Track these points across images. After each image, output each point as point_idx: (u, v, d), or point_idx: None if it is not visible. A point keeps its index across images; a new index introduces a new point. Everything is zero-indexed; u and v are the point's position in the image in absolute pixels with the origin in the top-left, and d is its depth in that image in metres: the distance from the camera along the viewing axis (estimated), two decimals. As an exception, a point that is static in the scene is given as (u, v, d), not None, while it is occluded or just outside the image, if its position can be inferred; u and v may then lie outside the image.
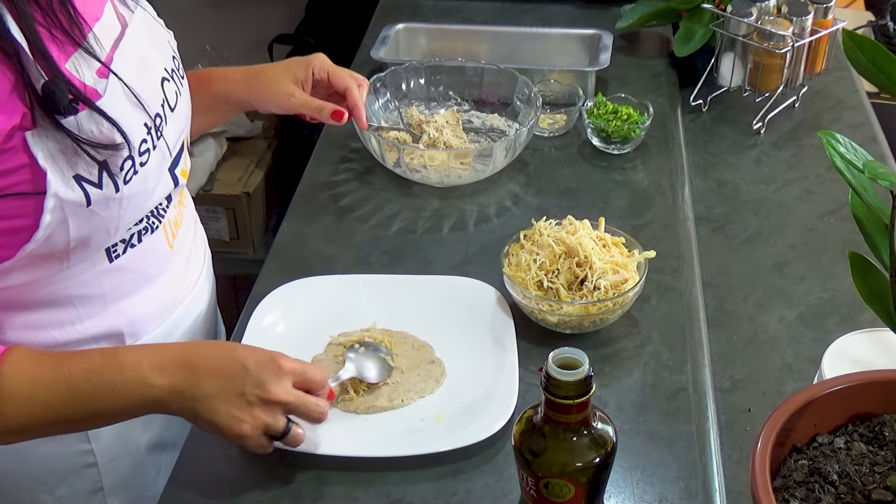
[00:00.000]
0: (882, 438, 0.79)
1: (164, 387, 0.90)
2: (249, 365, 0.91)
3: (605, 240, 1.17)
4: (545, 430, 0.84)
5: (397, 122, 1.53)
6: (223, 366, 0.91)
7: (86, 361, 0.90)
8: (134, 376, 0.89)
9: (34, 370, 0.88)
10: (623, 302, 1.11)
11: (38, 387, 0.87)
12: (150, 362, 0.90)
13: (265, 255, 1.32)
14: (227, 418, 0.91)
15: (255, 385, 0.91)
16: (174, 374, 0.90)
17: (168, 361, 0.91)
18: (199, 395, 0.90)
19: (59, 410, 0.88)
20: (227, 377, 0.91)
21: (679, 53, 1.61)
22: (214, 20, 2.69)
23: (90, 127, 0.86)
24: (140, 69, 0.94)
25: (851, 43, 0.74)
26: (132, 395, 0.90)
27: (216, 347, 0.97)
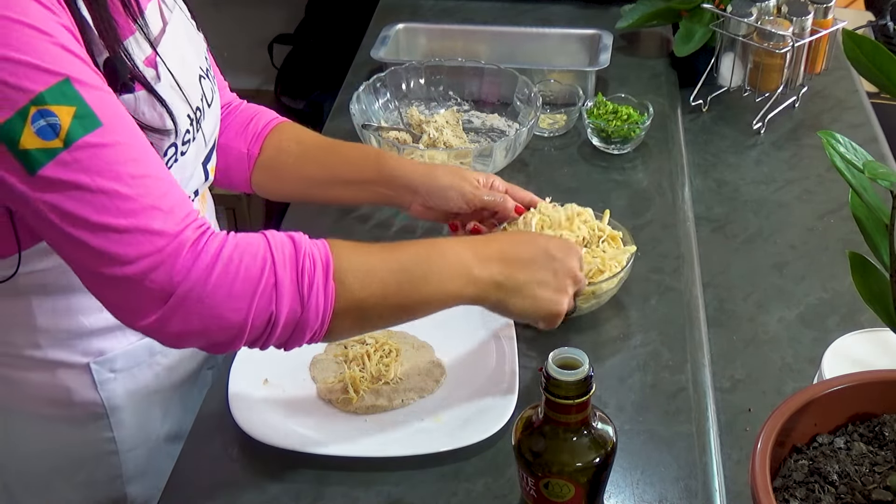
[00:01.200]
0: (882, 438, 0.79)
1: (485, 279, 0.94)
2: (554, 251, 1.00)
3: (604, 232, 1.18)
4: (545, 430, 0.84)
5: (397, 122, 1.53)
6: (532, 256, 0.98)
7: (413, 250, 0.94)
8: (460, 267, 0.93)
9: (365, 252, 0.90)
10: (596, 292, 1.12)
11: (375, 265, 0.89)
12: (472, 255, 0.94)
13: (265, 255, 1.32)
14: (548, 302, 0.99)
15: (566, 270, 1.00)
16: (493, 267, 0.95)
17: (487, 255, 0.95)
18: (520, 286, 0.96)
19: (394, 290, 0.90)
20: (540, 266, 0.98)
21: (679, 53, 1.61)
22: (214, 20, 2.68)
23: (143, 108, 0.87)
24: (181, 64, 0.95)
25: (851, 43, 0.74)
26: (457, 284, 0.93)
27: (515, 238, 1.03)
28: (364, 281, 0.87)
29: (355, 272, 0.87)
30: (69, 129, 0.75)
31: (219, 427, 1.04)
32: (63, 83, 0.75)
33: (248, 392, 1.06)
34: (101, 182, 0.77)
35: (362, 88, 1.49)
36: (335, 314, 0.86)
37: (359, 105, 1.47)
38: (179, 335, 0.82)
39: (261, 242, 0.83)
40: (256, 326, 0.83)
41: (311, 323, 0.84)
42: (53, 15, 0.77)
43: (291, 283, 0.83)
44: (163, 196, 0.80)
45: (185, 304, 0.80)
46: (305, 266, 0.83)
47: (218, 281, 0.80)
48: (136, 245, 0.78)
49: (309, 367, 1.11)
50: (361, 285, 0.87)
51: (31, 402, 1.03)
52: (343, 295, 0.86)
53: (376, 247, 0.92)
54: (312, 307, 0.84)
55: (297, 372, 1.10)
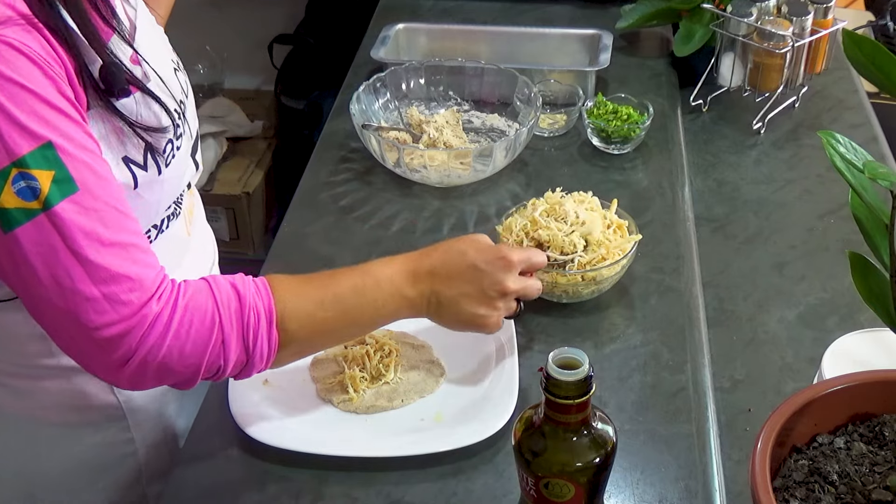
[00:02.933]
0: (882, 438, 0.79)
1: (416, 296, 0.99)
2: (482, 266, 1.01)
3: (612, 222, 1.20)
4: (545, 430, 0.84)
5: (397, 122, 1.53)
6: (460, 271, 1.00)
7: (347, 280, 0.97)
8: (390, 289, 0.98)
9: (305, 293, 0.94)
10: (596, 278, 1.13)
11: (315, 306, 0.93)
12: (402, 275, 0.99)
13: (265, 255, 1.32)
14: (471, 316, 1.01)
15: (492, 283, 1.01)
16: (423, 283, 0.99)
17: (415, 272, 1.00)
18: (445, 300, 1.00)
19: (334, 324, 0.95)
20: (466, 281, 1.00)
21: (679, 53, 1.61)
22: (214, 20, 2.69)
23: (140, 109, 0.89)
24: (157, 60, 0.96)
25: (851, 43, 0.74)
26: (391, 305, 0.99)
27: (448, 252, 1.02)
28: (304, 323, 0.92)
29: (297, 317, 0.92)
30: (48, 193, 0.77)
31: (219, 427, 1.04)
32: (45, 147, 0.77)
33: (248, 392, 1.06)
34: (75, 247, 0.79)
35: (362, 88, 1.49)
36: (279, 355, 0.92)
37: (359, 105, 1.47)
38: (136, 387, 0.87)
39: (209, 302, 0.86)
40: (206, 375, 0.88)
41: (257, 366, 0.90)
42: (39, 69, 0.77)
43: (237, 339, 0.87)
44: (133, 263, 0.82)
45: (142, 367, 0.84)
46: (250, 321, 0.88)
47: (171, 345, 0.84)
48: (102, 313, 0.81)
49: (309, 368, 1.11)
50: (302, 327, 0.92)
51: (50, 410, 1.03)
52: (286, 339, 0.91)
53: (315, 283, 0.96)
54: (257, 355, 0.89)
55: (297, 372, 1.10)
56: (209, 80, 2.63)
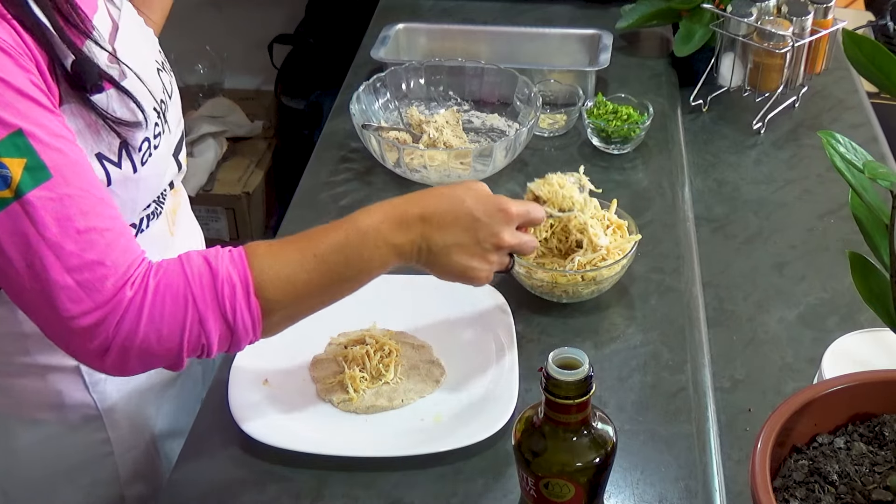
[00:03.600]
0: (882, 438, 0.79)
1: (405, 243, 0.94)
2: (480, 215, 0.96)
3: (612, 222, 1.20)
4: (545, 430, 0.84)
5: (397, 122, 1.53)
6: (455, 218, 0.96)
7: (330, 237, 0.92)
8: (379, 240, 0.93)
9: (285, 256, 0.89)
10: (595, 278, 1.13)
11: (294, 269, 0.89)
12: (389, 223, 0.94)
13: (265, 255, 1.32)
14: (461, 267, 0.97)
15: (488, 235, 0.97)
16: (412, 229, 0.94)
17: (404, 218, 0.94)
18: (436, 249, 0.95)
19: (319, 285, 0.91)
20: (461, 229, 0.96)
21: (679, 53, 1.61)
22: (214, 20, 2.69)
23: (114, 105, 0.88)
24: (139, 60, 0.96)
25: (851, 43, 0.74)
26: (379, 256, 0.94)
27: (444, 197, 0.98)
28: (286, 288, 0.89)
29: (276, 282, 0.88)
30: (20, 182, 0.76)
31: (219, 427, 1.04)
32: (15, 135, 0.76)
33: (248, 392, 1.06)
34: (48, 235, 0.78)
35: (362, 88, 1.49)
36: (265, 321, 0.88)
37: (359, 105, 1.47)
38: (123, 373, 0.86)
39: (180, 279, 0.84)
40: (192, 353, 0.86)
41: (243, 337, 0.87)
42: (9, 58, 0.77)
43: (214, 314, 0.85)
44: (108, 248, 0.81)
45: (122, 353, 0.83)
46: (225, 292, 0.85)
47: (146, 331, 0.83)
48: (77, 302, 0.80)
49: (309, 368, 1.11)
50: (284, 293, 0.89)
51: (25, 407, 1.03)
52: (268, 306, 0.87)
53: (294, 244, 0.92)
54: (240, 327, 0.86)
55: (297, 372, 1.10)
56: (209, 80, 2.63)
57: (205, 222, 2.37)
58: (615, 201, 1.22)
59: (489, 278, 1.00)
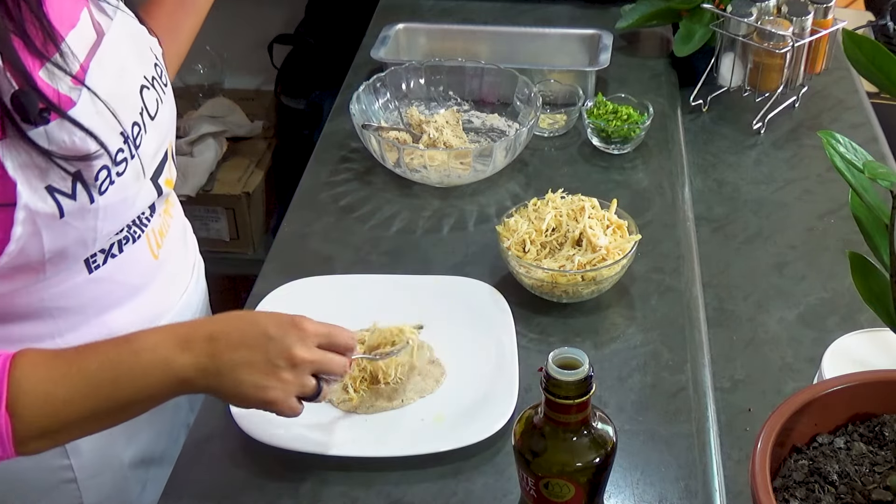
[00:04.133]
0: (882, 438, 0.79)
1: (188, 365, 0.86)
2: (272, 331, 0.88)
3: (612, 222, 1.20)
4: (545, 430, 0.84)
5: (397, 122, 1.53)
6: (244, 336, 0.88)
7: (100, 352, 0.86)
8: (153, 358, 0.85)
9: (48, 370, 0.83)
10: (595, 278, 1.13)
11: (55, 385, 0.83)
12: (171, 342, 0.86)
13: (265, 255, 1.32)
14: (253, 388, 0.87)
15: (280, 350, 0.88)
16: (197, 350, 0.86)
17: (189, 337, 0.87)
18: (224, 369, 0.86)
19: (82, 406, 0.84)
20: (250, 347, 0.87)
21: (679, 53, 1.61)
22: (214, 20, 2.67)
23: (62, 137, 0.83)
24: (118, 77, 0.91)
25: (851, 43, 0.74)
26: (155, 379, 0.85)
27: (236, 318, 0.91)
28: (42, 406, 0.82)
29: (30, 397, 0.81)
30: None
31: (219, 427, 1.04)
32: None
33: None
34: None
35: (362, 88, 1.49)
36: (20, 442, 0.82)
37: (359, 105, 1.47)
38: None
39: None
40: None
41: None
42: None
43: None
44: None
45: None
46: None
47: None
48: None
49: (309, 367, 1.11)
50: (39, 410, 0.82)
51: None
52: (20, 426, 0.81)
53: (63, 358, 0.85)
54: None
55: (297, 372, 1.10)
56: (209, 80, 2.62)
57: (205, 222, 2.38)
58: (615, 201, 1.22)
59: (289, 404, 0.90)
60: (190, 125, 2.41)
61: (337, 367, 0.92)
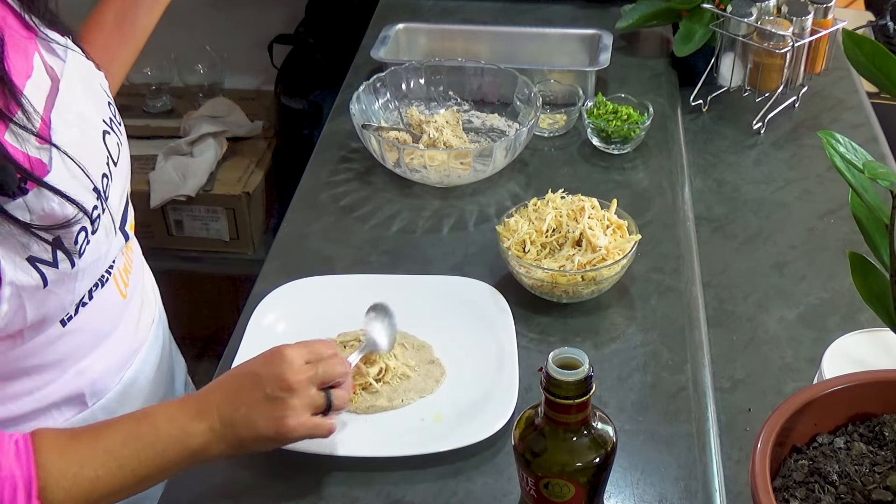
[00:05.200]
0: (882, 438, 0.79)
1: (204, 431, 0.88)
2: (258, 369, 0.91)
3: (612, 222, 1.20)
4: (545, 430, 0.84)
5: (397, 122, 1.53)
6: (240, 387, 0.91)
7: (121, 429, 0.87)
8: (170, 430, 0.87)
9: (73, 452, 0.84)
10: (595, 278, 1.13)
11: (81, 467, 0.83)
12: (186, 413, 0.89)
13: (265, 255, 1.32)
14: (268, 424, 0.89)
15: (271, 381, 0.90)
16: (210, 417, 0.88)
17: (201, 408, 0.89)
18: (238, 422, 0.89)
19: (109, 484, 0.85)
20: (249, 393, 0.90)
21: (679, 53, 1.61)
22: (214, 20, 2.69)
23: (40, 205, 0.80)
24: (80, 127, 0.88)
25: (851, 43, 0.74)
26: (175, 450, 0.87)
27: (230, 377, 0.94)
28: (71, 490, 0.82)
29: (61, 482, 0.82)
30: None
31: (219, 427, 1.04)
32: None
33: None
34: None
35: (362, 88, 1.49)
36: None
37: (359, 105, 1.47)
38: None
39: None
40: None
41: None
42: None
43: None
44: None
45: None
46: (4, 494, 0.79)
47: None
48: None
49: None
50: (70, 494, 0.82)
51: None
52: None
53: (84, 438, 0.85)
54: None
55: (297, 372, 1.10)
56: (209, 80, 2.62)
57: (205, 222, 2.38)
58: (615, 201, 1.22)
59: (312, 425, 0.91)
60: (190, 125, 2.41)
61: (335, 369, 0.93)
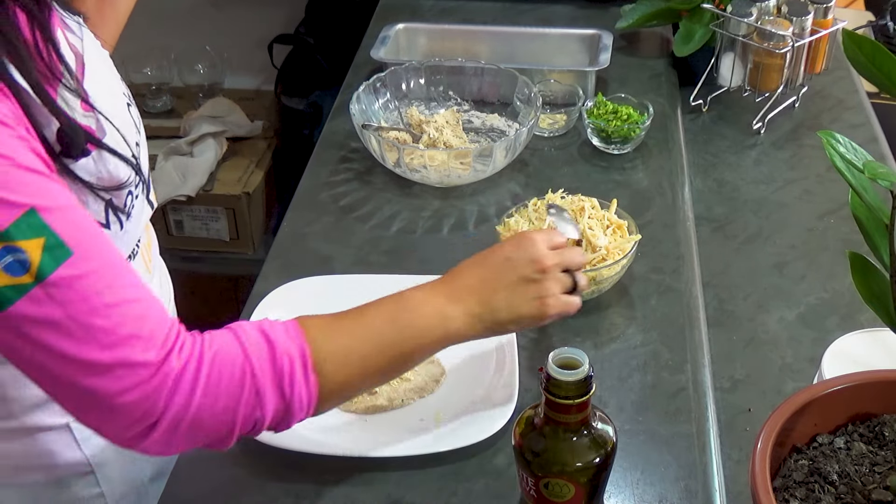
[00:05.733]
0: (882, 438, 0.79)
1: (460, 314, 0.91)
2: (508, 253, 0.95)
3: (612, 222, 1.20)
4: (545, 430, 0.84)
5: (397, 122, 1.53)
6: (492, 269, 0.94)
7: (380, 311, 0.90)
8: (427, 311, 0.91)
9: (337, 329, 0.87)
10: (596, 278, 1.13)
11: (349, 343, 0.86)
12: (440, 297, 0.92)
13: (265, 255, 1.32)
14: (530, 305, 0.94)
15: (527, 265, 0.94)
16: (466, 301, 0.92)
17: (454, 293, 0.93)
18: (499, 307, 0.93)
19: (376, 361, 0.88)
20: (503, 274, 0.94)
21: (679, 53, 1.61)
22: (214, 20, 2.69)
23: (98, 168, 0.83)
24: (110, 98, 0.90)
25: (851, 43, 0.74)
26: (434, 332, 0.91)
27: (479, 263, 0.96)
28: (344, 364, 0.85)
29: (333, 357, 0.85)
30: (40, 264, 0.70)
31: (219, 427, 1.04)
32: (28, 214, 0.70)
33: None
34: (78, 316, 0.72)
35: (362, 88, 1.49)
36: (320, 400, 0.84)
37: (359, 105, 1.47)
38: (167, 451, 0.80)
39: (237, 351, 0.80)
40: (244, 429, 0.82)
41: (296, 413, 0.83)
42: (10, 130, 0.71)
43: (273, 387, 0.81)
44: (141, 321, 0.75)
45: (171, 429, 0.77)
46: (283, 366, 0.81)
47: (201, 403, 0.78)
48: (119, 379, 0.74)
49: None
50: (341, 368, 0.85)
51: (14, 472, 0.97)
52: (325, 383, 0.84)
53: (348, 319, 0.89)
54: (296, 402, 0.82)
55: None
56: (209, 80, 2.62)
57: (205, 222, 2.38)
58: (615, 201, 1.22)
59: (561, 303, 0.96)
60: (190, 125, 2.41)
61: (576, 258, 0.98)
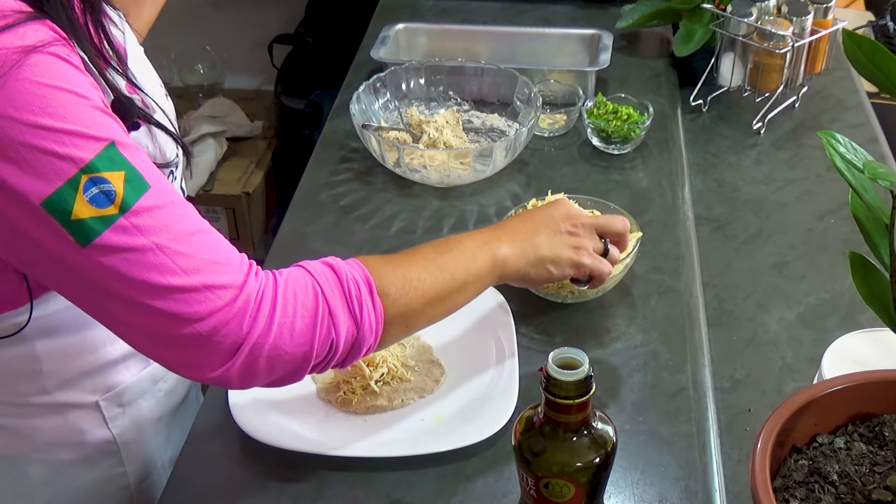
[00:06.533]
0: (882, 438, 0.79)
1: (505, 244, 1.00)
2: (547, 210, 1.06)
3: None
4: (545, 430, 0.84)
5: (397, 122, 1.53)
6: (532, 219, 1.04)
7: (432, 246, 0.97)
8: (476, 244, 0.98)
9: (395, 262, 0.92)
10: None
11: (407, 271, 0.91)
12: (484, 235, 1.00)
13: (265, 255, 1.32)
14: (568, 250, 1.03)
15: (566, 219, 1.05)
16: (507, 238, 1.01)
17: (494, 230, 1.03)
18: (539, 242, 1.02)
19: (433, 286, 0.92)
20: (543, 224, 1.04)
21: (679, 53, 1.61)
22: (214, 20, 2.70)
23: (146, 144, 0.86)
24: (150, 87, 0.93)
25: (851, 43, 0.74)
26: (483, 257, 0.97)
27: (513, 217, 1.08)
28: (405, 288, 0.90)
29: (395, 281, 0.89)
30: (124, 195, 0.74)
31: (219, 427, 1.04)
32: (109, 148, 0.74)
33: (248, 392, 1.05)
34: (161, 243, 0.76)
35: (362, 88, 1.49)
36: (385, 325, 0.88)
37: (359, 105, 1.47)
38: (247, 381, 0.83)
39: (306, 276, 0.85)
40: (319, 354, 0.84)
41: (367, 339, 0.87)
42: (85, 76, 0.75)
43: (343, 308, 0.85)
44: (217, 249, 0.80)
45: (254, 353, 0.80)
46: (351, 289, 0.85)
47: (281, 323, 0.81)
48: (205, 302, 0.78)
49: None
50: (403, 292, 0.90)
51: (43, 448, 1.00)
52: (389, 306, 0.88)
53: (402, 254, 0.95)
54: (366, 325, 0.86)
55: (297, 372, 1.10)
56: (209, 80, 2.63)
57: (205, 222, 2.38)
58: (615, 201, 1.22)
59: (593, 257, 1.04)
60: (190, 125, 2.41)
61: (617, 223, 1.08)
